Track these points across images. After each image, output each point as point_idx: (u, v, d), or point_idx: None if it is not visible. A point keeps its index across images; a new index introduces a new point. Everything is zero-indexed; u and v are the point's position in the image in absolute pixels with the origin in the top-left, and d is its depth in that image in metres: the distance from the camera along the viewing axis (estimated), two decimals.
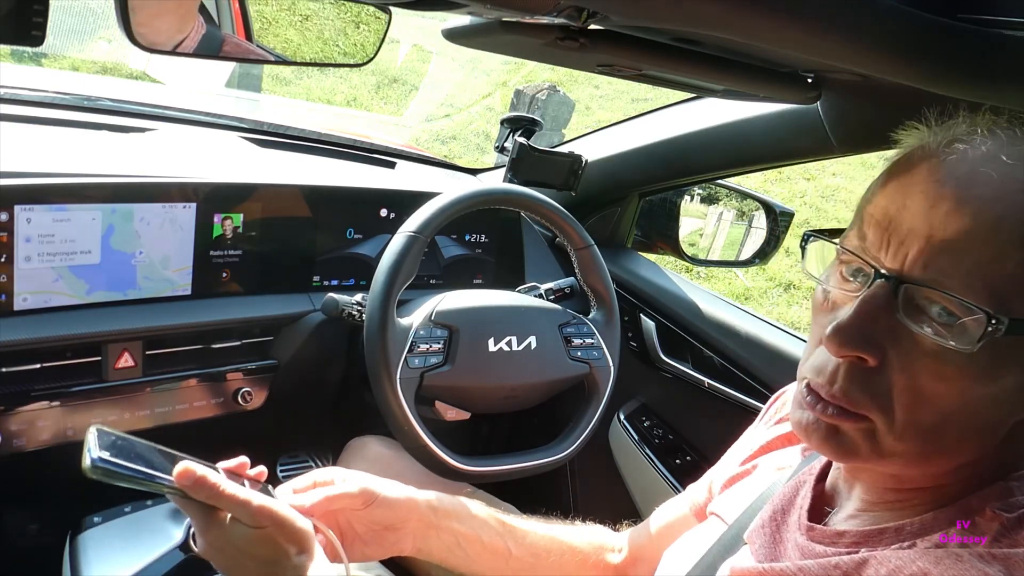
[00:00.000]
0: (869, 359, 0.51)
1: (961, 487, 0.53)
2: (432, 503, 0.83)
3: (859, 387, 0.51)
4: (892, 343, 0.50)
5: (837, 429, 0.53)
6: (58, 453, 1.09)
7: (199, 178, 1.19)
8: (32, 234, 1.04)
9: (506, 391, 1.24)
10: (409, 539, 0.81)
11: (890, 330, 0.50)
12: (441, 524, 0.83)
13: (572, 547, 0.89)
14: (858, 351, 0.51)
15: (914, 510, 0.55)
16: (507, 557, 0.86)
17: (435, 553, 0.84)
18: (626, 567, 0.90)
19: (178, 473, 0.65)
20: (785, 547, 0.61)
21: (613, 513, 1.04)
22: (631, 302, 1.53)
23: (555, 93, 5.55)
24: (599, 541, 0.92)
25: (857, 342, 0.50)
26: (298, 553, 0.67)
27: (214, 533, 0.67)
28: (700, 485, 0.85)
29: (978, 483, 0.53)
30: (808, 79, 0.95)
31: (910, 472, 0.55)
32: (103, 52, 5.05)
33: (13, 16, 0.53)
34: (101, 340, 1.11)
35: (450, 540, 0.83)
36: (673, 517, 0.87)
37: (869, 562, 0.51)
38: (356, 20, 1.01)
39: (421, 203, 1.18)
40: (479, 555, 0.85)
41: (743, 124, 1.27)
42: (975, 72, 0.67)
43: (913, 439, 0.51)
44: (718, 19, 0.60)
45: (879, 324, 0.50)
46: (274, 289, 1.29)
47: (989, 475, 0.53)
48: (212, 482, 0.65)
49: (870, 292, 0.51)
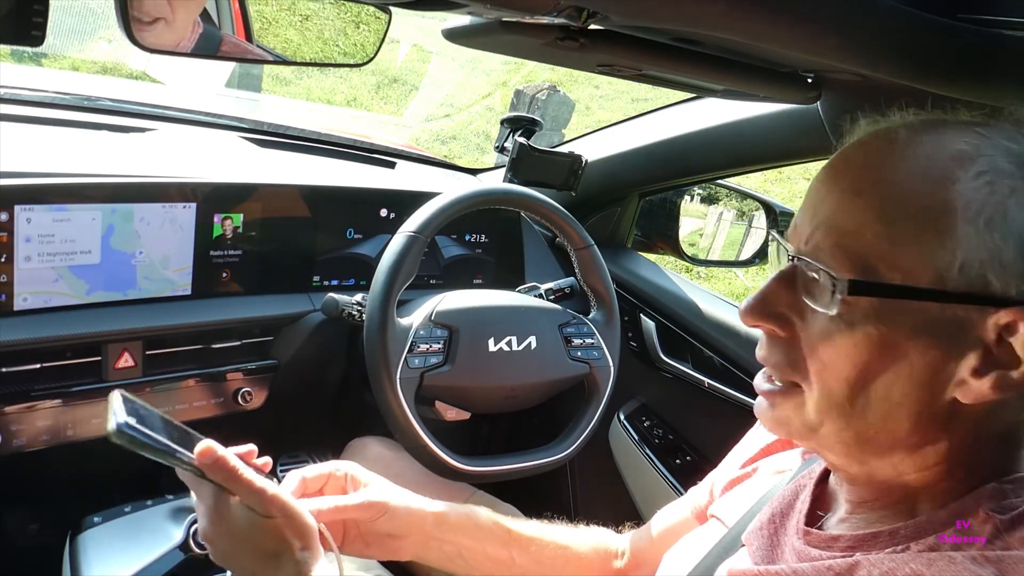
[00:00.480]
0: (777, 329, 0.56)
1: (953, 490, 0.53)
2: (439, 516, 0.83)
3: (777, 354, 0.56)
4: (798, 316, 0.55)
5: (773, 401, 0.58)
6: (58, 453, 1.09)
7: (199, 178, 1.19)
8: (32, 234, 1.04)
9: (506, 391, 1.24)
10: (409, 548, 0.82)
11: (794, 304, 0.55)
12: (444, 536, 0.83)
13: (576, 553, 0.90)
14: (757, 321, 0.57)
15: (907, 514, 0.55)
16: (510, 565, 0.86)
17: (433, 562, 0.84)
18: (628, 571, 0.90)
19: (200, 451, 0.65)
20: (782, 550, 0.61)
21: (613, 513, 1.04)
22: (631, 302, 1.53)
23: (555, 93, 5.56)
24: (603, 546, 0.92)
25: (755, 313, 0.56)
26: (302, 549, 0.66)
27: (221, 517, 0.66)
28: (702, 488, 0.85)
29: (970, 485, 0.52)
30: (808, 79, 0.95)
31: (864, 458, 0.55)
32: (103, 52, 5.05)
33: (13, 16, 0.53)
34: (101, 340, 1.11)
35: (451, 551, 0.84)
36: (675, 520, 0.87)
37: (861, 564, 0.51)
38: (356, 20, 1.01)
39: (421, 203, 1.18)
40: (480, 564, 0.85)
41: (743, 124, 1.27)
42: (975, 72, 0.67)
43: (832, 412, 0.54)
44: (718, 19, 0.60)
45: (784, 299, 0.56)
46: (274, 289, 1.29)
47: (980, 477, 0.52)
48: (232, 464, 0.65)
49: (779, 271, 0.57)
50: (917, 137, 0.52)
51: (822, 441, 0.56)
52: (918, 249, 0.49)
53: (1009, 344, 0.48)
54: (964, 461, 0.53)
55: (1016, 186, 0.49)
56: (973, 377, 0.49)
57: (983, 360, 0.49)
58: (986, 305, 0.48)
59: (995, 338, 0.49)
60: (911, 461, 0.54)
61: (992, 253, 0.48)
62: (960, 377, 0.49)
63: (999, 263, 0.48)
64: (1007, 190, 0.48)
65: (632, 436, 1.52)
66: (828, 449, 0.57)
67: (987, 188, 0.48)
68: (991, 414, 0.51)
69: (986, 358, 0.49)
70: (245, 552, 0.67)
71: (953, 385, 0.50)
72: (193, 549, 1.03)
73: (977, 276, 0.48)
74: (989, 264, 0.48)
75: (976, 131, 0.51)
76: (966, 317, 0.49)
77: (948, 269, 0.49)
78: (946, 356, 0.50)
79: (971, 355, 0.49)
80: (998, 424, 0.52)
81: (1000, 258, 0.48)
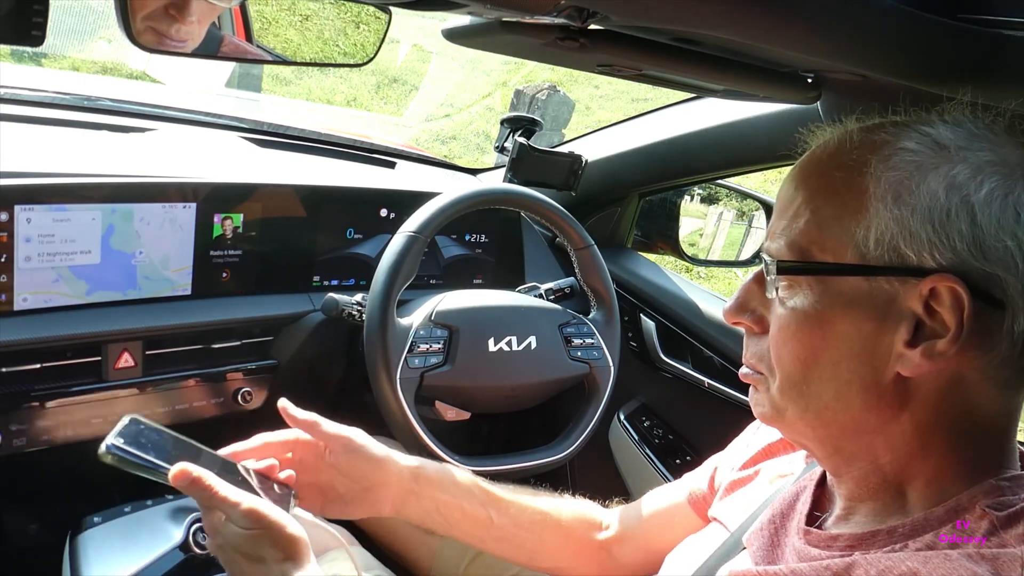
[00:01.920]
0: (752, 325, 0.61)
1: (944, 483, 0.53)
2: (415, 469, 0.86)
3: (752, 347, 0.61)
4: (769, 311, 0.59)
5: (751, 388, 0.63)
6: (58, 453, 1.09)
7: (199, 178, 1.19)
8: (32, 234, 1.04)
9: (506, 391, 1.24)
10: (388, 501, 0.84)
11: (764, 300, 0.59)
12: (422, 491, 0.86)
13: (557, 520, 0.91)
14: (735, 318, 0.61)
15: (900, 508, 0.55)
16: (488, 525, 0.88)
17: (413, 517, 0.87)
18: (611, 544, 0.91)
19: (174, 474, 0.69)
20: (783, 551, 0.61)
21: None
22: (631, 302, 1.53)
23: (555, 93, 5.56)
24: (586, 516, 0.94)
25: (733, 311, 0.61)
26: (283, 560, 0.69)
27: (216, 530, 0.71)
28: (700, 473, 0.85)
29: (963, 482, 0.53)
30: (808, 79, 0.95)
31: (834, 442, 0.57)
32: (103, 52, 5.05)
33: (13, 16, 0.53)
34: (101, 340, 1.11)
35: (429, 506, 0.86)
36: (668, 503, 0.88)
37: (859, 563, 0.51)
38: (356, 20, 1.01)
39: (421, 203, 1.18)
40: (459, 522, 0.88)
41: (743, 124, 1.27)
42: (975, 72, 0.67)
43: (792, 393, 0.57)
44: (718, 19, 0.60)
45: (757, 295, 0.60)
46: (274, 289, 1.29)
47: (974, 472, 0.53)
48: (206, 484, 0.69)
49: (755, 271, 0.61)
50: (848, 136, 0.56)
51: (791, 425, 0.59)
52: (840, 230, 0.53)
53: (940, 313, 0.50)
54: (940, 446, 0.53)
55: (921, 161, 0.51)
56: (907, 348, 0.51)
57: (915, 331, 0.51)
58: (905, 276, 0.51)
59: (924, 309, 0.51)
60: (880, 441, 0.55)
61: (901, 225, 0.51)
62: (897, 350, 0.52)
63: (908, 233, 0.51)
64: (912, 166, 0.51)
65: (632, 436, 1.52)
66: (800, 435, 0.60)
67: (895, 168, 0.52)
68: (950, 392, 0.52)
69: (919, 330, 0.51)
70: (238, 560, 0.70)
71: (894, 359, 0.52)
72: (193, 549, 1.03)
73: (891, 248, 0.51)
74: (900, 236, 0.51)
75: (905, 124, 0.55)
76: (891, 290, 0.52)
77: (865, 244, 0.52)
78: (881, 329, 0.52)
79: (903, 327, 0.51)
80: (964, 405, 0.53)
81: (909, 228, 0.50)
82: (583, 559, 0.91)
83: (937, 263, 0.50)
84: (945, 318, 0.50)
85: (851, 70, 0.79)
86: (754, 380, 0.62)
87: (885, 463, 0.56)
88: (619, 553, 0.91)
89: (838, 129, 0.58)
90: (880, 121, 0.57)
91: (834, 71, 0.87)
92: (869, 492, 0.57)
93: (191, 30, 0.74)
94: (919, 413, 0.53)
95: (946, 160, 0.51)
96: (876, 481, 0.57)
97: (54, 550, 1.07)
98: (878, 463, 0.56)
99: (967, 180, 0.50)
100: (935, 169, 0.51)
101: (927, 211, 0.50)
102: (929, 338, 0.51)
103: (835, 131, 0.58)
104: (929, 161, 0.51)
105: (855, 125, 0.57)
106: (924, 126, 0.54)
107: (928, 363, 0.51)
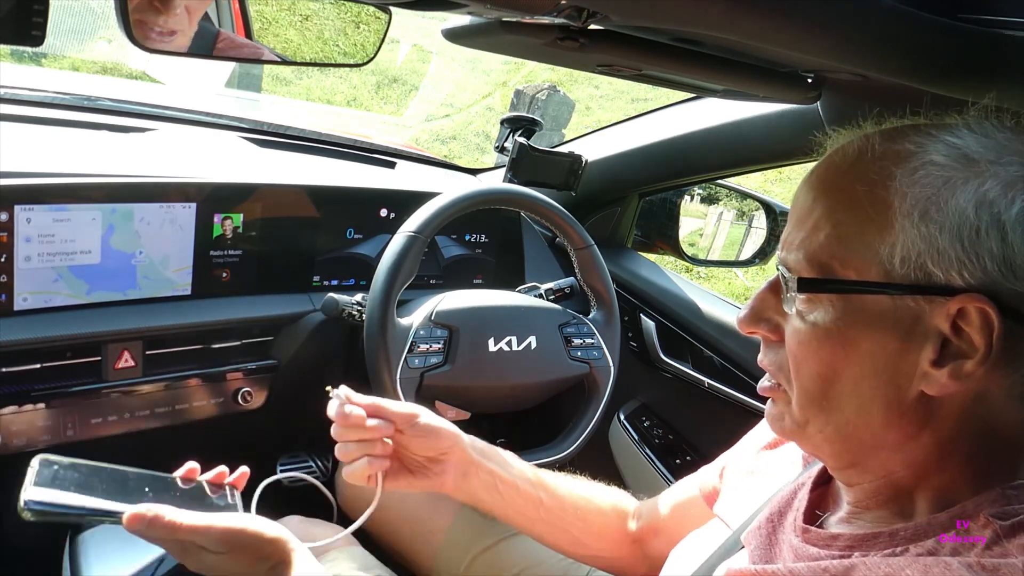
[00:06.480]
0: (768, 334, 0.59)
1: (953, 491, 0.53)
2: (475, 443, 0.88)
3: (770, 356, 0.59)
4: (785, 320, 0.57)
5: (769, 400, 0.61)
6: (57, 453, 1.09)
7: (199, 178, 1.19)
8: (32, 234, 1.04)
9: (506, 391, 1.24)
10: (451, 473, 0.85)
11: (781, 309, 0.58)
12: (482, 464, 0.87)
13: (598, 507, 0.93)
14: (750, 328, 0.60)
15: (907, 515, 0.55)
16: (538, 505, 0.89)
17: (474, 491, 0.87)
18: (644, 535, 0.92)
19: (128, 520, 0.64)
20: (780, 549, 0.61)
21: None
22: (631, 302, 1.53)
23: (555, 93, 5.56)
24: (621, 504, 0.95)
25: (747, 320, 0.60)
26: (272, 567, 0.68)
27: (189, 559, 0.68)
28: (711, 470, 0.85)
29: (972, 489, 0.52)
30: (808, 79, 0.95)
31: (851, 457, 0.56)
32: (103, 52, 5.05)
33: (13, 16, 0.53)
34: (101, 340, 1.11)
35: (488, 480, 0.87)
36: (684, 497, 0.88)
37: (857, 567, 0.50)
38: (356, 20, 1.01)
39: (421, 203, 1.18)
40: (513, 500, 0.88)
41: (743, 124, 1.27)
42: (975, 72, 0.67)
43: (812, 408, 0.56)
44: (718, 19, 0.60)
45: (772, 304, 0.59)
46: (274, 289, 1.29)
47: (984, 481, 0.52)
48: (166, 521, 0.65)
49: (770, 279, 0.59)
50: (870, 144, 0.54)
51: (811, 439, 0.58)
52: (864, 246, 0.51)
53: (968, 333, 0.49)
54: (957, 460, 0.53)
55: (949, 176, 0.50)
56: (933, 368, 0.50)
57: (941, 351, 0.50)
58: (931, 295, 0.49)
59: (951, 328, 0.49)
60: (898, 458, 0.54)
61: (928, 243, 0.49)
62: (922, 369, 0.50)
63: (936, 251, 0.49)
64: (940, 182, 0.50)
65: (632, 436, 1.52)
66: (818, 449, 0.59)
67: (921, 182, 0.50)
68: (973, 410, 0.51)
69: (945, 349, 0.50)
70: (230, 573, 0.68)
71: (918, 377, 0.51)
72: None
73: (917, 266, 0.49)
74: (927, 254, 0.49)
75: (929, 132, 0.53)
76: (918, 308, 0.50)
77: (891, 262, 0.50)
78: (905, 348, 0.51)
79: (928, 346, 0.50)
80: (986, 421, 0.52)
81: (937, 247, 0.49)
82: (621, 549, 0.93)
83: (966, 282, 0.48)
84: (974, 338, 0.48)
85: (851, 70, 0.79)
86: (774, 394, 0.60)
87: (899, 476, 0.55)
88: (649, 546, 0.91)
89: (856, 133, 0.56)
90: (902, 126, 0.55)
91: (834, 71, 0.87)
92: (879, 502, 0.57)
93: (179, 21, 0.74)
94: (941, 431, 0.52)
95: (976, 175, 0.49)
96: (888, 493, 0.56)
97: (54, 550, 1.07)
98: (892, 477, 0.55)
99: (998, 197, 0.48)
100: (964, 184, 0.49)
101: (956, 229, 0.48)
102: (955, 357, 0.49)
103: (854, 136, 0.56)
104: (958, 176, 0.49)
105: (874, 129, 0.55)
106: (950, 136, 0.51)
107: (955, 383, 0.49)
